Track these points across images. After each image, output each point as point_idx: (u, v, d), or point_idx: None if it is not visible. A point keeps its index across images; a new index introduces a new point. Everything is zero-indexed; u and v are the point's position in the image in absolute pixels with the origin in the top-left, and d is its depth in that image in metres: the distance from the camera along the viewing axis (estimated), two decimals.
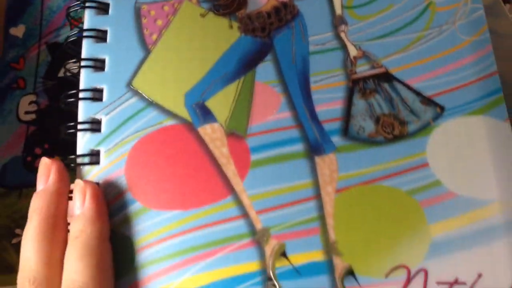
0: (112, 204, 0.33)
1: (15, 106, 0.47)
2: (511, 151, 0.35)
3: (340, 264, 0.32)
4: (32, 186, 0.41)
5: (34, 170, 0.44)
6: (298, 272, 0.32)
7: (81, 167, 0.34)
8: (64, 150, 0.44)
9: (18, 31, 0.50)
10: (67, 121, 0.35)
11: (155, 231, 0.33)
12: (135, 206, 0.33)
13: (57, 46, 0.49)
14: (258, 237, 0.32)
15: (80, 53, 0.36)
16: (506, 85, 0.38)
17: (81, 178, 0.34)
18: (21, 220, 0.43)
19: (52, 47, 0.49)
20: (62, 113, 0.38)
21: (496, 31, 0.39)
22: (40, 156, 0.44)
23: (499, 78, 0.37)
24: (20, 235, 0.42)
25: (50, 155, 0.44)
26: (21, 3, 0.51)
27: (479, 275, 0.32)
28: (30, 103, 0.47)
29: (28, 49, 0.49)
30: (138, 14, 0.37)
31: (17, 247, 0.41)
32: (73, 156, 0.34)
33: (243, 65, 0.36)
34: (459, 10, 0.39)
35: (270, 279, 0.31)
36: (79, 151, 0.35)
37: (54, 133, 0.45)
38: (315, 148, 0.34)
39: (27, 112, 0.47)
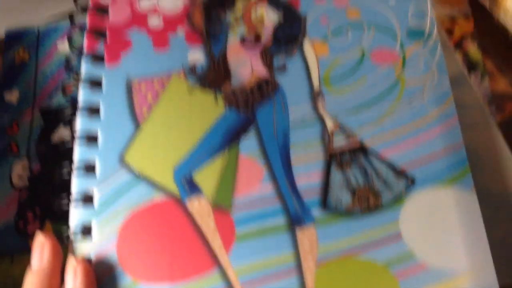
0: (103, 278, 0.35)
1: (8, 171, 0.48)
2: (478, 221, 0.37)
3: None
4: (24, 252, 0.43)
5: (26, 236, 0.45)
6: None
7: (74, 240, 0.36)
8: (55, 215, 0.45)
9: (12, 96, 0.51)
10: (59, 189, 0.37)
11: None
12: (126, 280, 0.35)
13: (50, 111, 0.50)
14: None
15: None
16: (470, 153, 0.41)
17: (73, 251, 0.35)
18: (13, 287, 0.44)
19: (45, 112, 0.50)
20: (54, 178, 0.39)
21: (462, 101, 0.42)
22: (32, 221, 0.45)
23: (464, 149, 0.39)
24: None
25: (41, 220, 0.45)
26: (15, 68, 0.53)
27: None
28: (23, 168, 0.48)
29: (22, 114, 0.50)
30: (129, 89, 0.39)
31: None
32: (66, 229, 0.36)
33: (228, 139, 0.38)
34: (427, 83, 0.41)
35: None
36: (72, 224, 0.36)
37: (46, 198, 0.46)
38: (295, 220, 0.37)
39: (20, 177, 0.48)
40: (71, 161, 0.38)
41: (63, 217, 0.37)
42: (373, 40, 0.43)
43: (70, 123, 0.40)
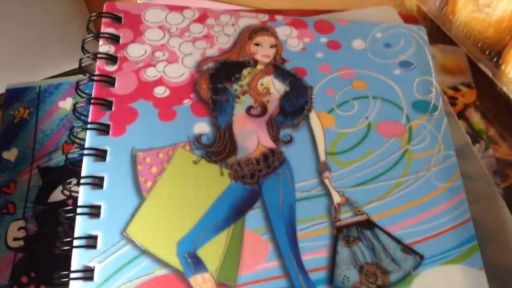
0: None
1: (4, 232, 0.47)
2: None
3: None
4: None
5: None
6: None
7: None
8: (50, 279, 0.44)
9: (10, 154, 0.51)
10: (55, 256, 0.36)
11: None
12: None
13: (49, 170, 0.50)
14: None
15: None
16: (477, 226, 0.40)
17: None
18: None
19: (44, 172, 0.50)
20: (51, 240, 0.38)
21: (468, 173, 0.42)
22: (26, 286, 0.44)
23: (472, 225, 0.39)
24: None
25: (36, 284, 0.44)
26: (14, 126, 0.52)
27: None
28: (19, 228, 0.47)
29: (20, 173, 0.50)
30: (134, 161, 0.39)
31: None
32: None
33: (233, 213, 0.38)
34: (433, 157, 0.41)
35: None
36: None
37: (42, 261, 0.45)
38: None
39: (15, 239, 0.47)
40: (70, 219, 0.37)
41: (59, 283, 0.35)
42: (378, 112, 0.43)
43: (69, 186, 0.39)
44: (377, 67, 0.45)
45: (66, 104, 0.53)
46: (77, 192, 0.37)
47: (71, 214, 0.36)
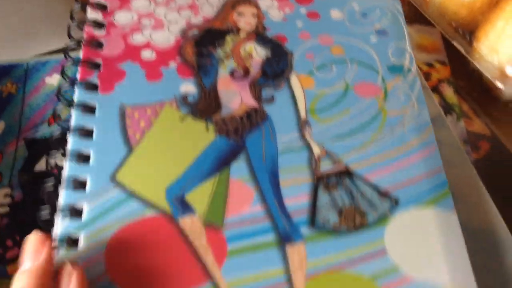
0: (90, 285, 0.35)
1: None
2: (459, 238, 0.39)
3: None
4: (2, 277, 0.43)
5: (5, 262, 0.46)
6: None
7: (58, 250, 0.36)
8: None
9: None
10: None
11: None
12: None
13: (35, 142, 0.52)
14: None
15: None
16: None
17: (56, 260, 0.35)
18: None
19: (30, 143, 0.52)
20: (36, 206, 0.40)
21: (439, 141, 0.44)
22: (10, 248, 0.46)
23: (444, 173, 0.41)
24: None
25: (20, 246, 0.46)
26: (1, 101, 0.54)
27: None
28: (5, 195, 0.49)
29: (6, 145, 0.52)
30: (122, 115, 0.41)
31: None
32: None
33: (218, 164, 0.40)
34: (407, 114, 0.44)
35: None
36: (58, 233, 0.36)
37: (27, 225, 0.47)
38: (285, 237, 0.38)
39: (1, 205, 0.49)
40: (56, 182, 0.39)
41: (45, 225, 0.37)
42: (356, 74, 0.46)
43: (59, 146, 0.40)
44: (355, 35, 0.48)
45: (53, 80, 0.55)
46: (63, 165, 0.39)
47: (60, 160, 0.38)
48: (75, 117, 0.40)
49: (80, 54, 0.43)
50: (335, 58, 0.47)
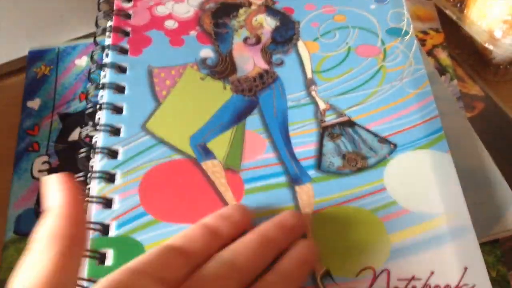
0: (126, 214, 0.40)
1: (30, 165, 0.55)
2: (452, 175, 0.43)
3: (319, 267, 0.40)
4: None
5: None
6: None
7: (97, 183, 0.41)
8: None
9: (34, 103, 0.59)
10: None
11: (165, 239, 0.40)
12: (147, 218, 0.40)
13: (68, 115, 0.59)
14: None
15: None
16: None
17: (94, 192, 0.41)
18: None
19: (63, 117, 0.58)
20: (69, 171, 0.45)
21: (434, 94, 0.49)
22: None
23: (440, 121, 0.46)
24: None
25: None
26: (37, 81, 0.61)
27: (432, 273, 0.39)
28: (43, 163, 0.55)
29: (42, 118, 0.58)
30: (150, 75, 0.47)
31: None
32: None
33: (235, 117, 0.45)
34: (405, 71, 0.49)
35: None
36: (97, 170, 0.42)
37: None
38: (295, 179, 0.43)
39: (40, 171, 0.55)
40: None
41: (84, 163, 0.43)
42: (357, 38, 0.51)
43: (90, 119, 0.46)
44: (355, 3, 0.53)
45: (82, 62, 0.62)
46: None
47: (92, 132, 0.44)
48: (109, 75, 0.46)
49: (107, 41, 0.49)
50: (338, 25, 0.51)
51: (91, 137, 0.44)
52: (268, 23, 0.51)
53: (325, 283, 0.39)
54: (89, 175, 0.42)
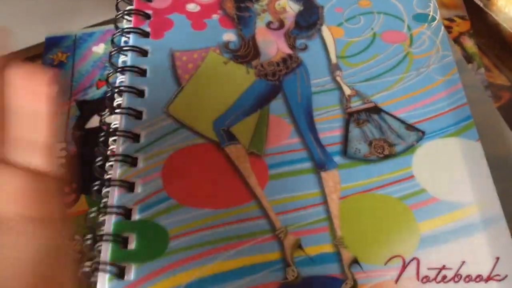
0: (148, 198, 0.39)
1: None
2: (483, 164, 0.42)
3: (346, 255, 0.38)
4: None
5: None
6: (312, 260, 0.38)
7: (119, 167, 0.40)
8: (88, 188, 0.50)
9: None
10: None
11: (189, 223, 0.39)
12: (171, 202, 0.39)
13: (85, 103, 0.57)
14: (278, 233, 0.39)
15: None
16: None
17: (116, 176, 0.40)
18: None
19: (81, 104, 0.57)
20: (88, 159, 0.45)
21: (461, 82, 0.47)
22: (67, 194, 0.51)
23: (468, 108, 0.45)
24: None
25: (77, 193, 0.51)
26: (54, 67, 0.59)
27: (463, 262, 0.38)
28: (61, 149, 0.54)
29: (60, 106, 0.57)
30: (172, 58, 0.46)
31: None
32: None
33: (258, 102, 0.44)
34: (432, 57, 0.47)
35: (289, 265, 0.38)
36: (120, 152, 0.41)
37: (81, 175, 0.52)
38: (320, 165, 0.42)
39: (58, 157, 0.54)
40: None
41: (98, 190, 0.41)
42: (382, 24, 0.49)
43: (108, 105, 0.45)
44: None
45: (99, 49, 0.60)
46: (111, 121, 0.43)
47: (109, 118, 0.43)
48: (130, 58, 0.45)
49: (127, 24, 0.48)
50: (363, 10, 0.50)
51: (109, 124, 0.43)
52: (291, 8, 0.50)
53: (353, 271, 0.38)
54: (111, 158, 0.40)
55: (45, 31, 0.63)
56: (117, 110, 0.42)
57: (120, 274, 0.36)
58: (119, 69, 0.45)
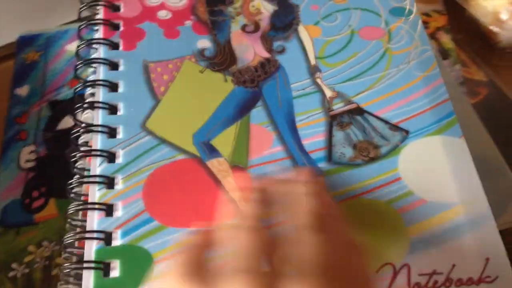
0: (130, 221, 0.38)
1: (17, 155, 0.53)
2: (468, 161, 0.41)
3: None
4: (29, 225, 0.48)
5: (32, 211, 0.50)
6: None
7: (96, 190, 0.39)
8: (60, 193, 0.49)
9: (22, 91, 0.57)
10: (64, 170, 0.40)
11: (173, 245, 0.38)
12: (154, 224, 0.38)
13: (57, 103, 0.56)
14: None
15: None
16: None
17: (94, 200, 0.38)
18: (17, 255, 0.48)
19: (53, 104, 0.56)
20: (58, 161, 0.43)
21: None
22: (36, 199, 0.50)
23: (451, 104, 0.44)
24: (15, 269, 0.47)
25: (46, 197, 0.49)
26: (26, 67, 0.58)
27: (453, 266, 0.38)
28: (31, 152, 0.53)
29: (31, 106, 0.56)
30: (146, 70, 0.44)
31: (13, 280, 0.46)
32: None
33: (238, 111, 0.43)
34: (411, 52, 0.46)
35: None
36: (97, 174, 0.40)
37: (51, 178, 0.51)
38: None
39: (27, 161, 0.52)
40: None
41: (68, 194, 0.40)
42: (360, 20, 0.48)
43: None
44: None
45: (72, 47, 0.59)
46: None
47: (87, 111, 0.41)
48: (102, 72, 0.43)
49: (95, 35, 0.47)
50: (339, 7, 0.49)
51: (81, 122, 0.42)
52: (265, 8, 0.49)
53: None
54: (85, 179, 0.39)
55: (18, 31, 0.61)
56: (91, 128, 0.41)
57: None
58: (88, 83, 0.43)
